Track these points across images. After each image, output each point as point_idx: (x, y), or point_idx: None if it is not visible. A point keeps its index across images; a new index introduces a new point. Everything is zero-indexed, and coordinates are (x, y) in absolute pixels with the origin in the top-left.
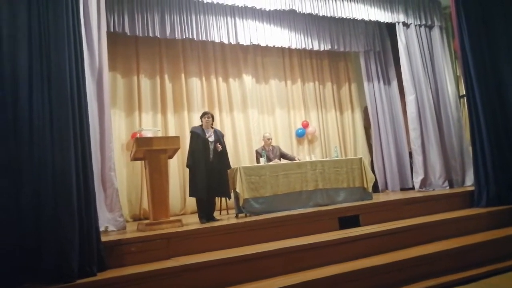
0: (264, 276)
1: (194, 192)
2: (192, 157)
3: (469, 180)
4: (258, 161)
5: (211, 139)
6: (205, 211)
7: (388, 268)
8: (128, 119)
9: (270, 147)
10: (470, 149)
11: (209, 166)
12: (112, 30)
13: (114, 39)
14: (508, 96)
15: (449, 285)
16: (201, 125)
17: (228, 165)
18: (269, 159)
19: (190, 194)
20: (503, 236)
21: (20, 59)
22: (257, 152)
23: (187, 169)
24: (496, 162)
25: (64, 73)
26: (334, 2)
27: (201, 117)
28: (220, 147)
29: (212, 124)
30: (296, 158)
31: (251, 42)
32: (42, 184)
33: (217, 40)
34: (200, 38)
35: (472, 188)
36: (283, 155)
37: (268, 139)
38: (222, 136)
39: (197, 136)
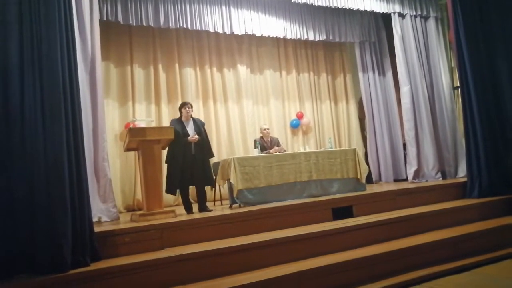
0: (258, 266)
1: (169, 189)
2: (170, 153)
3: (462, 171)
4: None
5: (191, 131)
6: (189, 203)
7: (381, 259)
8: (121, 109)
9: (269, 138)
10: (463, 140)
11: (192, 158)
12: (104, 18)
13: (107, 28)
14: (502, 88)
15: (443, 274)
16: (180, 117)
17: (210, 154)
18: (264, 149)
19: (166, 190)
20: (495, 226)
21: (10, 48)
22: (255, 141)
23: None
24: (488, 154)
25: (56, 63)
26: None
27: (180, 108)
28: (195, 139)
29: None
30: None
31: (245, 32)
32: (35, 175)
33: (211, 30)
34: (194, 28)
35: (465, 179)
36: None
37: (264, 129)
38: (203, 125)
39: (176, 132)
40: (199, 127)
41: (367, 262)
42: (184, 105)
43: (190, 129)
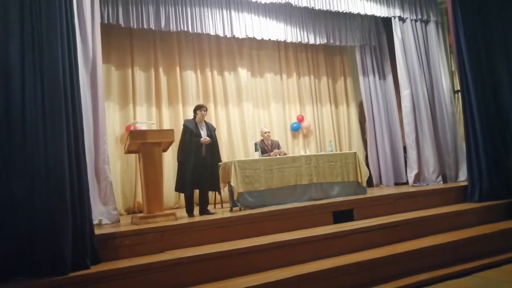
0: (258, 269)
1: (180, 188)
2: (183, 152)
3: (463, 175)
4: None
5: (204, 133)
6: (192, 205)
7: (382, 262)
8: (122, 112)
9: (269, 141)
10: (464, 144)
11: (202, 161)
12: (106, 22)
13: (108, 31)
14: (502, 92)
15: (444, 278)
16: (194, 118)
17: (219, 159)
18: (264, 152)
19: (176, 189)
20: (496, 230)
21: (11, 51)
22: (255, 144)
23: None
24: (489, 158)
25: (57, 65)
26: None
27: (196, 110)
28: (207, 141)
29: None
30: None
31: (246, 35)
32: (35, 177)
33: (212, 33)
34: (195, 31)
35: (466, 183)
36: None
37: (265, 132)
38: (214, 130)
39: (190, 131)
40: (211, 131)
41: (367, 265)
42: (200, 107)
43: (203, 131)
